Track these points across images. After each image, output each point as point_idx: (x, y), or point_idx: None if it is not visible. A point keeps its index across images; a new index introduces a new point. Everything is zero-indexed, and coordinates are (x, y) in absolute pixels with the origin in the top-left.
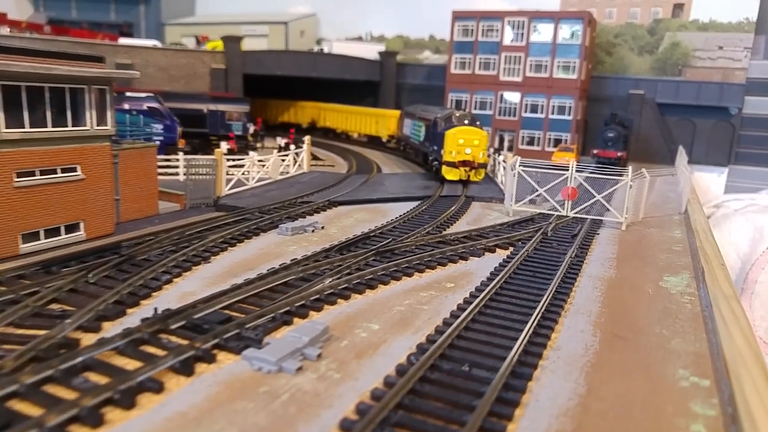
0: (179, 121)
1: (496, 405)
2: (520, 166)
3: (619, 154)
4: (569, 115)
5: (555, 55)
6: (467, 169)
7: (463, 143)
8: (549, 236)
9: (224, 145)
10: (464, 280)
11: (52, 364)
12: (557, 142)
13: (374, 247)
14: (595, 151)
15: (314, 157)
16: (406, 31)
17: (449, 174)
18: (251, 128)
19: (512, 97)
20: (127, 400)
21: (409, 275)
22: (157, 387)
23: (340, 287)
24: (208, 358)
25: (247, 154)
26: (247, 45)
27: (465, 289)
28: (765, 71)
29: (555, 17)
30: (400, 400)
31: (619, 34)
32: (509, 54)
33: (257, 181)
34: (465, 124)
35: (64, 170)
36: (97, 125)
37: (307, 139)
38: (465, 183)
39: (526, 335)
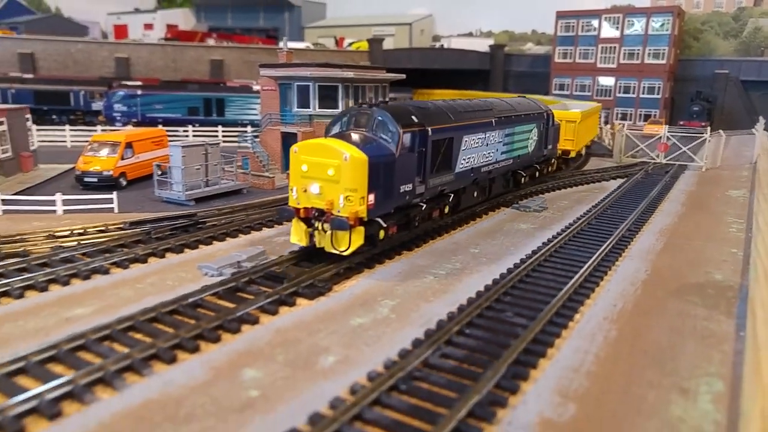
0: None
1: (635, 224)
2: (627, 130)
3: (702, 124)
4: (658, 94)
5: (646, 44)
6: (320, 224)
7: (307, 172)
8: (650, 172)
9: None
10: (603, 188)
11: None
12: (647, 117)
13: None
14: (681, 122)
15: None
16: (510, 26)
17: (293, 231)
18: None
19: (607, 81)
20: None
21: (571, 186)
22: (483, 214)
23: (537, 189)
24: (497, 208)
25: None
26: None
27: (606, 191)
28: None
29: (647, 12)
30: (592, 220)
31: (706, 21)
32: (605, 45)
33: None
34: (332, 136)
35: None
36: None
37: None
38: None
39: (645, 204)
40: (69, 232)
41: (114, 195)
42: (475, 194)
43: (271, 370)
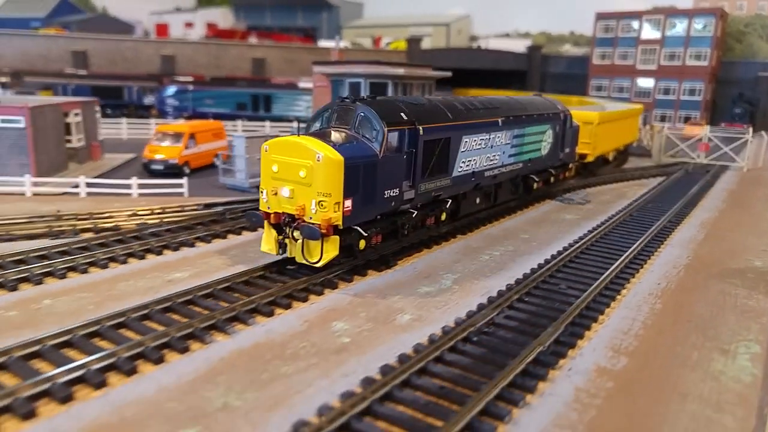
0: None
1: (676, 216)
2: (666, 131)
3: (744, 126)
4: (699, 96)
5: (688, 46)
6: (288, 229)
7: (277, 173)
8: (690, 172)
9: None
10: (643, 185)
11: None
12: (687, 118)
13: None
14: (722, 124)
15: None
16: (548, 27)
17: (263, 239)
18: None
19: (646, 82)
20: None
21: (615, 182)
22: (530, 205)
23: (579, 184)
24: (542, 200)
25: None
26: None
27: (646, 188)
28: None
29: (689, 14)
30: (634, 212)
31: (749, 24)
32: (646, 47)
33: None
34: (309, 134)
35: None
36: None
37: None
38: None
39: (684, 200)
40: (150, 211)
41: (185, 180)
42: (478, 200)
43: (356, 323)
